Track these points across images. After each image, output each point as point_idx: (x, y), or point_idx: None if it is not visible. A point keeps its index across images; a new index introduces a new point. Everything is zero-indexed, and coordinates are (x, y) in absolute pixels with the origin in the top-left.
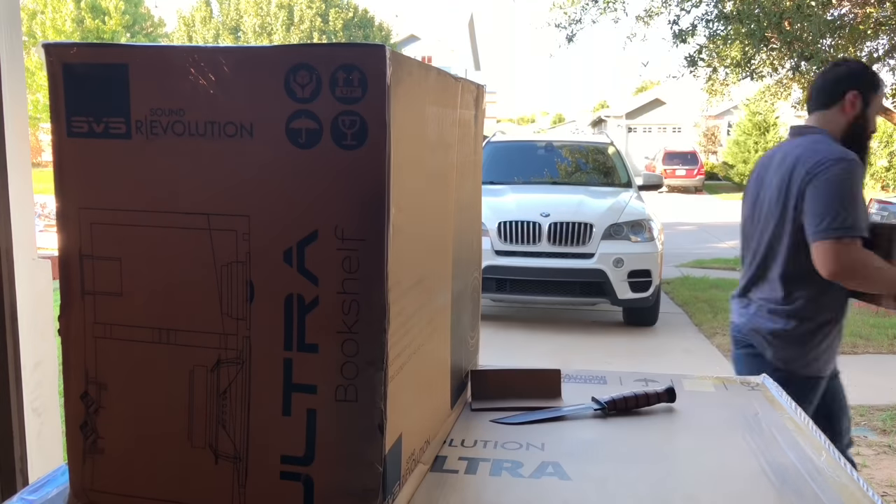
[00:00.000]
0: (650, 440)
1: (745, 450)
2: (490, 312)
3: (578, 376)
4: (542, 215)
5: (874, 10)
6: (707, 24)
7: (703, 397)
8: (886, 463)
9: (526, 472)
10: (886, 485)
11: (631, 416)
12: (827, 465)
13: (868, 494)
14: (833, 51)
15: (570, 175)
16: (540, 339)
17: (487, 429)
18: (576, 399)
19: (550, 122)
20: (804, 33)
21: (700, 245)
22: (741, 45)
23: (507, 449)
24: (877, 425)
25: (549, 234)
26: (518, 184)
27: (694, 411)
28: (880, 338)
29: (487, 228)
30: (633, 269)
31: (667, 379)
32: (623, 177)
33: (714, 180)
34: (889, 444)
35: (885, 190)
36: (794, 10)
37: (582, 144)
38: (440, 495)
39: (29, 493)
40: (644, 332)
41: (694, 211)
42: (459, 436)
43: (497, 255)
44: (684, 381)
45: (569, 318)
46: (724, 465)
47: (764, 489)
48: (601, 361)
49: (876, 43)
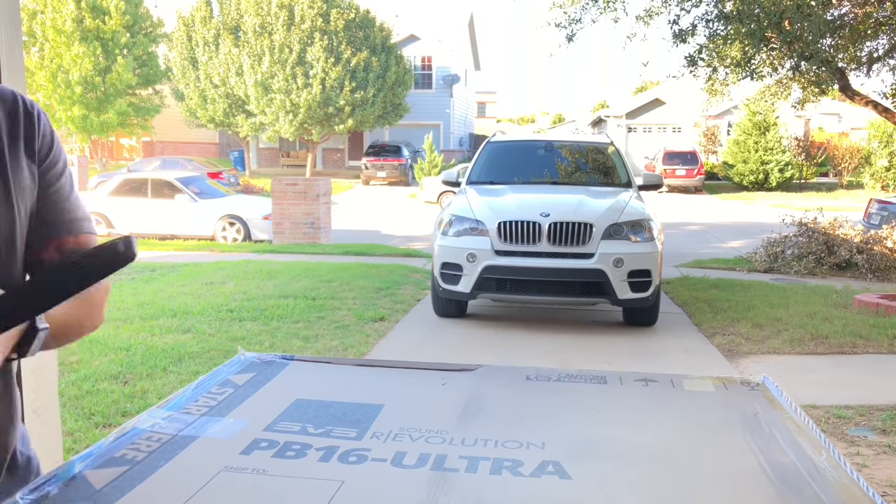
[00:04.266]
0: (650, 439)
1: (745, 449)
2: (490, 312)
3: (579, 376)
4: (542, 215)
5: (874, 9)
6: (707, 23)
7: (703, 397)
8: (886, 463)
9: (526, 472)
10: (886, 485)
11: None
12: (827, 465)
13: (868, 494)
14: (833, 51)
15: (569, 175)
16: (540, 339)
17: (487, 427)
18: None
19: (550, 122)
20: (804, 33)
21: (700, 245)
22: (741, 45)
23: (507, 448)
24: (877, 425)
25: (548, 234)
26: (518, 184)
27: (693, 411)
28: (880, 338)
29: (487, 228)
30: (632, 269)
31: (667, 379)
32: (623, 177)
33: (714, 180)
34: (889, 444)
35: (885, 190)
36: (794, 9)
37: (582, 144)
38: (440, 494)
39: (28, 492)
40: (644, 332)
41: (694, 211)
42: (460, 434)
43: (497, 255)
44: (684, 380)
45: (569, 318)
46: (724, 465)
47: (764, 488)
48: (601, 361)
49: (876, 43)
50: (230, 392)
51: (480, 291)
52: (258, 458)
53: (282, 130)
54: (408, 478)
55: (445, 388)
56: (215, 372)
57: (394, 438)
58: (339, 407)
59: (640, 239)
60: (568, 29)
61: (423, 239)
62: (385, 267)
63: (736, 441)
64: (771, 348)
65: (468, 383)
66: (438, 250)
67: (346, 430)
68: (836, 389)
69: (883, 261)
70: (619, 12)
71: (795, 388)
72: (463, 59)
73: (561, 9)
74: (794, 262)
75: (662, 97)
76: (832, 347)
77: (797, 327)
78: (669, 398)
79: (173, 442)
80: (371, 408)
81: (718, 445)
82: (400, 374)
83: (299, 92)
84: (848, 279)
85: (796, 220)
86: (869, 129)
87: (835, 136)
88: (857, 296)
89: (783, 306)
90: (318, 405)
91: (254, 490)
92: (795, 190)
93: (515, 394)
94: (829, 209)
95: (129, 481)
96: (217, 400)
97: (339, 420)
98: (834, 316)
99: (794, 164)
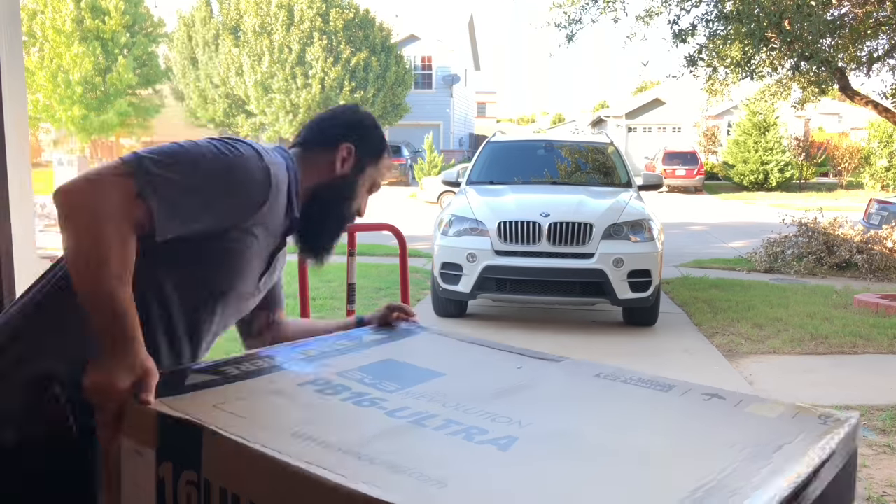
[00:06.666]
0: (636, 443)
1: (719, 465)
2: (490, 312)
3: (646, 381)
4: (542, 215)
5: (874, 9)
6: (707, 24)
7: (756, 420)
8: (886, 463)
9: (479, 440)
10: (886, 485)
11: None
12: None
13: None
14: (833, 51)
15: (569, 175)
16: (540, 339)
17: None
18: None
19: (550, 122)
20: (804, 33)
21: (700, 245)
22: (741, 45)
23: (496, 422)
24: (877, 425)
25: (548, 234)
26: (518, 184)
27: (722, 427)
28: (880, 338)
29: (487, 228)
30: (632, 269)
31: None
32: (623, 177)
33: (714, 180)
34: (889, 444)
35: (885, 190)
36: (794, 9)
37: (582, 144)
38: (390, 435)
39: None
40: (644, 332)
41: (694, 211)
42: (474, 406)
43: (497, 255)
44: (753, 402)
45: (569, 318)
46: (682, 473)
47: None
48: (601, 362)
49: (876, 43)
50: (350, 345)
51: (480, 291)
52: (303, 390)
53: (282, 130)
54: (384, 422)
55: (518, 370)
56: (361, 329)
57: (417, 398)
58: (409, 369)
59: (640, 239)
60: (568, 29)
61: (423, 239)
62: (385, 267)
63: (722, 458)
64: (771, 348)
65: (539, 370)
66: (438, 250)
67: (391, 384)
68: (836, 389)
69: (883, 261)
70: (619, 12)
71: (795, 388)
72: (463, 59)
73: (561, 9)
74: (794, 262)
75: (662, 97)
76: (832, 347)
77: (797, 327)
78: (712, 414)
79: (265, 369)
80: (433, 374)
81: (693, 458)
82: (491, 354)
83: (299, 92)
84: (848, 279)
85: (796, 220)
86: (869, 129)
87: (835, 136)
88: (857, 296)
89: (783, 306)
90: (398, 366)
91: (272, 406)
92: (795, 190)
93: (568, 386)
94: (829, 209)
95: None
96: (335, 348)
97: (396, 378)
98: (834, 316)
99: (794, 164)
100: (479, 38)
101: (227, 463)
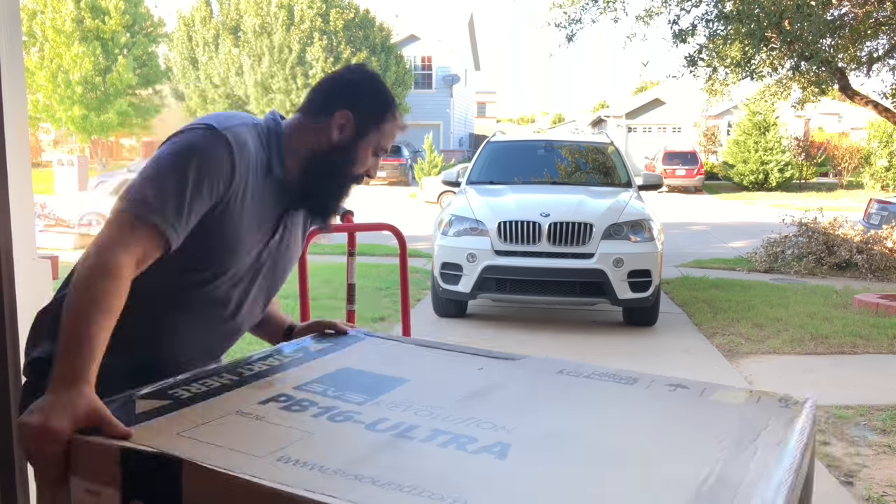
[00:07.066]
0: (616, 440)
1: (708, 457)
2: (490, 312)
3: (610, 375)
4: (542, 215)
5: (874, 9)
6: (707, 24)
7: (725, 408)
8: (886, 463)
9: (471, 449)
10: (886, 485)
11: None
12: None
13: None
14: (833, 51)
15: (569, 175)
16: (540, 339)
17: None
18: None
19: (550, 122)
20: (804, 33)
21: (700, 245)
22: (741, 45)
23: (480, 428)
24: (877, 425)
25: (548, 234)
26: (518, 184)
27: (696, 418)
28: (880, 338)
29: (487, 228)
30: (632, 269)
31: (700, 387)
32: (623, 177)
33: (714, 180)
34: (889, 444)
35: (885, 190)
36: (794, 9)
37: (582, 144)
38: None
39: (110, 402)
40: (644, 332)
41: (694, 211)
42: (451, 412)
43: (497, 255)
44: (718, 390)
45: (569, 318)
46: (667, 469)
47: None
48: (601, 362)
49: (876, 43)
50: (297, 356)
51: (480, 291)
52: (267, 408)
53: None
54: (367, 437)
55: (480, 372)
56: (302, 339)
57: (390, 408)
58: (371, 377)
59: (640, 239)
60: (568, 29)
61: (423, 239)
62: (385, 267)
63: (708, 450)
64: (771, 348)
65: (502, 370)
66: (438, 250)
67: (358, 395)
68: (836, 389)
69: (883, 261)
70: (619, 12)
71: (795, 388)
72: (463, 59)
73: (561, 9)
74: (794, 262)
75: (662, 97)
76: (832, 347)
77: (797, 327)
78: (683, 404)
79: (217, 388)
80: (396, 381)
81: (684, 451)
82: (448, 356)
83: (299, 92)
84: (848, 279)
85: (796, 220)
86: (869, 129)
87: (835, 136)
88: (857, 296)
89: (783, 306)
90: (357, 374)
91: (244, 429)
92: (795, 190)
93: (536, 384)
94: (829, 209)
95: (167, 412)
96: (281, 361)
97: (360, 388)
98: (834, 316)
99: (794, 164)
100: (479, 38)
101: (212, 497)
